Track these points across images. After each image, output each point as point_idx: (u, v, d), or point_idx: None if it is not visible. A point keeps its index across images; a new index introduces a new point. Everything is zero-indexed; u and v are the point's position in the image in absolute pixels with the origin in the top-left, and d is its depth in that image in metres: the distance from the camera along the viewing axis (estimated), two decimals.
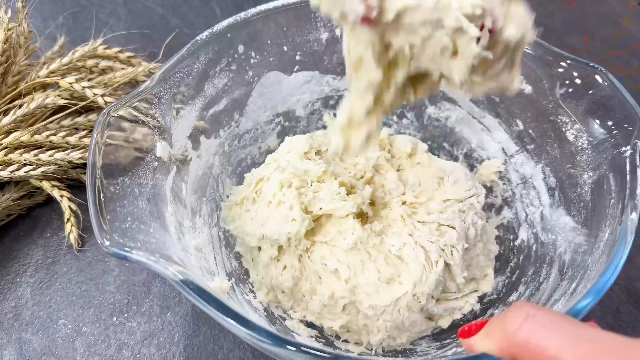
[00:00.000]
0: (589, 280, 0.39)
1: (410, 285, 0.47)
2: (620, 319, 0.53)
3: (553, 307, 0.41)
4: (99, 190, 0.38)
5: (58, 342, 0.52)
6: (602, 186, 0.44)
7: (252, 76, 0.55)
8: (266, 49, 0.55)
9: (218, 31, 0.50)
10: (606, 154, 0.45)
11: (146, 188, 0.42)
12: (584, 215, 0.46)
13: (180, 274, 0.34)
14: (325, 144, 0.56)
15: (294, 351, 0.32)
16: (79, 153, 0.57)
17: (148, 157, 0.44)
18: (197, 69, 0.50)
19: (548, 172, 0.52)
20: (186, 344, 0.52)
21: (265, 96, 0.58)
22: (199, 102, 0.51)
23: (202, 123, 0.52)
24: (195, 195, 0.51)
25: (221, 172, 0.56)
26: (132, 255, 0.35)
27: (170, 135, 0.47)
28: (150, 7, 0.86)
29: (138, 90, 0.45)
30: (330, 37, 0.57)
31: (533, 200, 0.53)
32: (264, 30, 0.54)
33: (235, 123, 0.56)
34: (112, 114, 0.42)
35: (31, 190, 0.60)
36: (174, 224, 0.44)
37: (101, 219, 0.36)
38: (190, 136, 0.50)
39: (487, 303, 0.51)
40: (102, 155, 0.40)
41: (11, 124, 0.56)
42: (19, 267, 0.57)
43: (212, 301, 0.33)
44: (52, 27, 0.77)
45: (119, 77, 0.63)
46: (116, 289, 0.55)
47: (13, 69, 0.60)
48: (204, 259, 0.46)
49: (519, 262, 0.52)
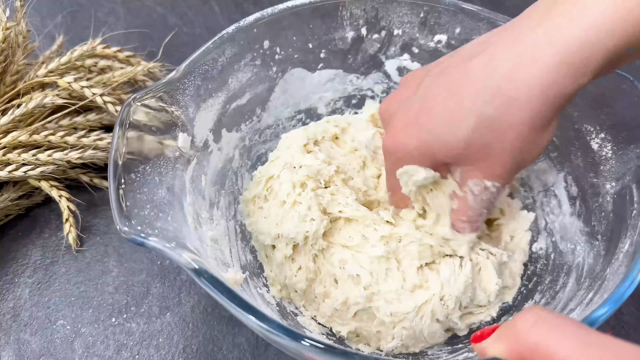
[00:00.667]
0: (606, 291, 0.38)
1: (438, 287, 0.46)
2: (622, 320, 0.52)
3: (568, 316, 0.40)
4: (119, 177, 0.39)
5: (56, 343, 0.52)
6: (625, 197, 0.44)
7: (275, 72, 0.56)
8: (291, 46, 0.55)
9: (245, 25, 0.51)
10: (630, 165, 0.44)
11: (166, 177, 0.43)
12: (604, 225, 0.46)
13: (194, 262, 0.35)
14: (319, 132, 0.56)
15: (304, 345, 0.32)
16: (77, 153, 0.57)
17: (170, 147, 0.44)
18: (222, 62, 0.50)
19: (570, 181, 0.51)
20: (185, 345, 0.52)
21: (288, 92, 0.58)
22: (222, 96, 0.51)
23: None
24: (214, 188, 0.51)
25: (240, 165, 0.56)
26: (149, 241, 0.35)
27: (192, 127, 0.48)
28: (149, 6, 0.86)
29: (163, 80, 0.45)
30: (356, 36, 0.57)
31: (554, 208, 0.53)
32: (290, 27, 0.54)
33: (257, 118, 0.57)
34: (137, 102, 0.43)
35: (29, 191, 0.60)
36: (192, 214, 0.44)
37: (122, 203, 0.37)
38: (212, 129, 0.51)
39: (501, 310, 0.50)
40: (126, 143, 0.40)
41: (9, 124, 0.56)
42: (17, 268, 0.57)
43: (225, 291, 0.34)
44: (51, 26, 0.77)
45: (117, 76, 0.63)
46: (115, 290, 0.55)
47: (11, 68, 0.60)
48: (219, 251, 0.47)
49: (536, 270, 0.52)
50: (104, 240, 0.59)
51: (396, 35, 0.57)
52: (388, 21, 0.57)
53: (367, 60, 0.59)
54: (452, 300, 0.45)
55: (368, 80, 0.61)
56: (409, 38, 0.57)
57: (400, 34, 0.57)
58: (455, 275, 0.46)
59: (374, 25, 0.57)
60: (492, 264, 0.49)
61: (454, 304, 0.46)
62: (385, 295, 0.46)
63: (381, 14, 0.56)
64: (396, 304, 0.46)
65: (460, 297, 0.46)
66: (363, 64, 0.59)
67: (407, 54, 0.58)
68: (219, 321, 0.53)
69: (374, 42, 0.58)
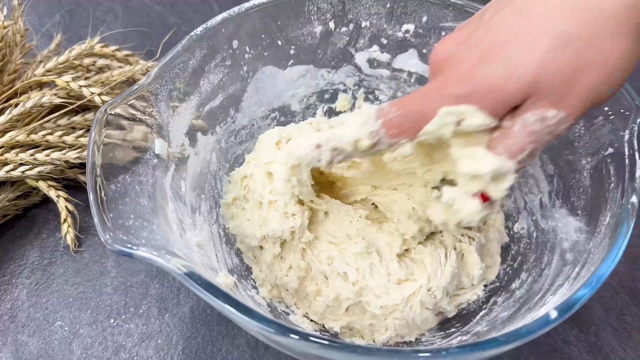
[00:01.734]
0: (592, 264, 0.39)
1: (425, 279, 0.46)
2: (625, 321, 0.53)
3: (557, 292, 0.41)
4: (100, 189, 0.38)
5: (54, 344, 0.51)
6: (601, 171, 0.45)
7: (246, 71, 0.55)
8: (260, 44, 0.55)
9: (212, 26, 0.50)
10: (604, 140, 0.46)
11: (147, 186, 0.42)
12: (583, 200, 0.47)
13: (185, 268, 0.34)
14: (294, 131, 0.56)
15: (303, 341, 0.31)
16: (75, 153, 0.56)
17: (147, 155, 0.43)
18: (192, 65, 0.49)
19: (546, 160, 0.52)
20: (184, 346, 0.51)
21: (260, 91, 0.58)
22: (195, 99, 0.51)
23: (201, 122, 0.51)
24: (194, 193, 0.50)
25: (218, 168, 0.55)
26: (137, 251, 0.34)
27: (167, 133, 0.47)
28: (148, 4, 0.85)
29: (134, 87, 0.44)
30: (324, 30, 0.57)
31: (532, 188, 0.54)
32: (258, 25, 0.53)
33: (231, 119, 0.56)
34: (109, 111, 0.41)
35: (27, 191, 0.59)
36: (176, 221, 0.43)
37: (104, 216, 0.36)
38: (187, 133, 0.50)
39: (489, 291, 0.51)
40: (102, 154, 0.39)
41: (7, 123, 0.56)
42: (15, 269, 0.56)
43: (220, 294, 0.33)
44: (49, 25, 0.76)
45: (116, 75, 0.62)
46: (113, 291, 0.55)
47: (9, 67, 0.60)
48: (206, 256, 0.46)
49: (519, 250, 0.52)
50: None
51: (364, 27, 0.57)
52: (355, 14, 0.57)
53: (337, 54, 0.59)
54: (439, 290, 0.46)
55: (339, 74, 0.60)
56: (377, 29, 0.57)
57: (368, 25, 0.57)
58: (441, 267, 0.47)
59: (341, 18, 0.57)
60: (474, 249, 0.50)
61: (442, 294, 0.47)
62: (374, 290, 0.46)
63: (348, 6, 0.56)
64: (385, 297, 0.46)
65: (447, 287, 0.47)
66: (333, 58, 0.59)
67: (376, 45, 0.58)
68: (218, 322, 0.53)
69: (342, 36, 0.58)
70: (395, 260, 0.48)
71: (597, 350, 0.51)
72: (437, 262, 0.47)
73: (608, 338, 0.52)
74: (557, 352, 0.51)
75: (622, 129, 0.44)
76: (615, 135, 0.45)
